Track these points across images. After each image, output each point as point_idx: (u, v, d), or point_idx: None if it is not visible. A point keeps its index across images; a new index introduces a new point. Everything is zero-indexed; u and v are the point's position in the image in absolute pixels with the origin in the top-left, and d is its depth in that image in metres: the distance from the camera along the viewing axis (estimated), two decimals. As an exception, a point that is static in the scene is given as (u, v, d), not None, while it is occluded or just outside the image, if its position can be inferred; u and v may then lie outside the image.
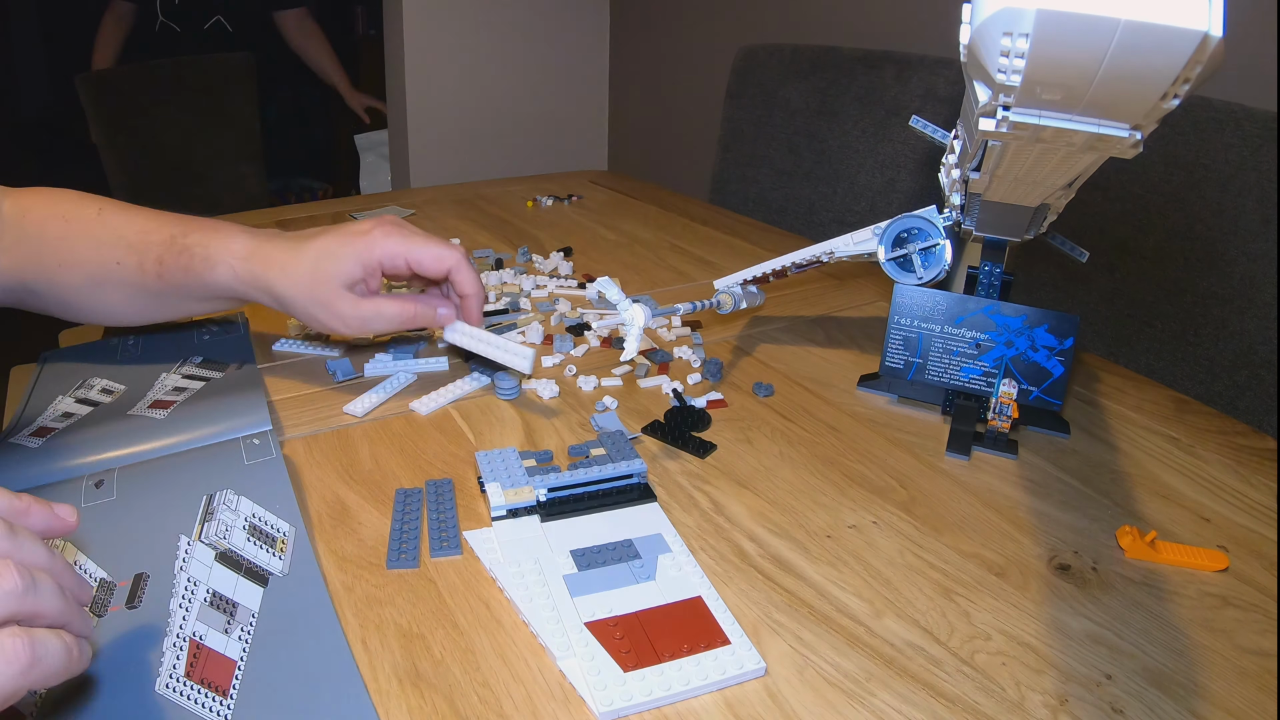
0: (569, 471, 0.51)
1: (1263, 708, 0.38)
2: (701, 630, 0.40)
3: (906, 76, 1.23)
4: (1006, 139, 0.37)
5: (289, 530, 0.46)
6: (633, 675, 0.38)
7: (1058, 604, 0.44)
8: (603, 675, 0.38)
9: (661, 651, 0.39)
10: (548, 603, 0.42)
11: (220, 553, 0.43)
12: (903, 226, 0.65)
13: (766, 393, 0.65)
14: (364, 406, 0.61)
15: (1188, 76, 0.29)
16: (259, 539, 0.44)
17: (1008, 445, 0.58)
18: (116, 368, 0.65)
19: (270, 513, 0.46)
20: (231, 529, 0.44)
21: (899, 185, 1.22)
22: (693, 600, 0.42)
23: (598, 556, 0.46)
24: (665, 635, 0.40)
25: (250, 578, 0.42)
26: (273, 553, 0.44)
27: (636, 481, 0.52)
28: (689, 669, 0.38)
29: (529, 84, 2.34)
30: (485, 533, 0.48)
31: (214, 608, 0.40)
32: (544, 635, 0.40)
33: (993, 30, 0.30)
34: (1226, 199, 0.87)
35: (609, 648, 0.39)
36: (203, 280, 0.59)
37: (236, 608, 0.40)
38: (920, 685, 0.39)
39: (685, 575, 0.44)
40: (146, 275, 0.60)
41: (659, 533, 0.48)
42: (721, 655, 0.39)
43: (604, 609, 0.42)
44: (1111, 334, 0.98)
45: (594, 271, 0.92)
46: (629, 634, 0.40)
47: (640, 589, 0.43)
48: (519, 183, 1.37)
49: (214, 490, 0.47)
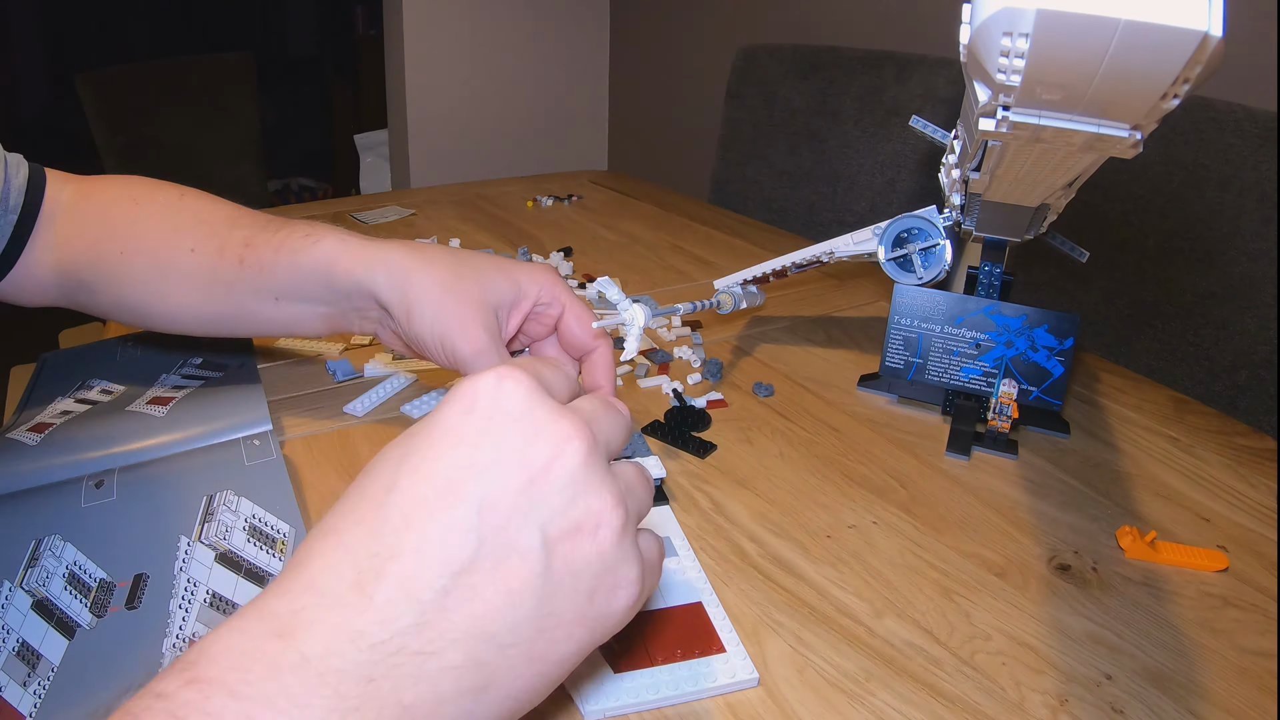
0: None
1: (1263, 708, 0.38)
2: (698, 636, 0.40)
3: (906, 76, 1.23)
4: (1006, 139, 0.37)
5: (289, 532, 0.46)
6: (623, 677, 0.38)
7: (1058, 604, 0.44)
8: (593, 675, 0.38)
9: (655, 655, 0.39)
10: None
11: (220, 554, 0.43)
12: (903, 226, 0.65)
13: (766, 393, 0.65)
14: (364, 406, 0.61)
15: (1188, 76, 0.29)
16: (259, 540, 0.44)
17: (1008, 445, 0.58)
18: (116, 369, 0.65)
19: (270, 514, 0.46)
20: (232, 530, 0.44)
21: (899, 185, 1.22)
22: (693, 605, 0.42)
23: None
24: (661, 639, 0.40)
25: (250, 579, 0.42)
26: (273, 554, 0.44)
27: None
28: (680, 674, 0.38)
29: (529, 84, 2.34)
30: None
31: (214, 609, 0.40)
32: None
33: (993, 30, 0.30)
34: (1226, 199, 0.87)
35: (602, 648, 0.39)
36: (296, 261, 0.48)
37: (236, 609, 0.40)
38: (920, 685, 0.39)
39: (689, 580, 0.44)
40: (225, 261, 0.50)
41: (668, 535, 0.48)
42: (715, 663, 0.39)
43: None
44: (1111, 334, 0.98)
45: (594, 271, 0.92)
46: (624, 635, 0.40)
47: None
48: (519, 183, 1.37)
49: (214, 491, 0.47)
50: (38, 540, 0.44)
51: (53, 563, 0.43)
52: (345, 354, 0.71)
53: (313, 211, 1.20)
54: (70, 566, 0.42)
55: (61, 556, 0.43)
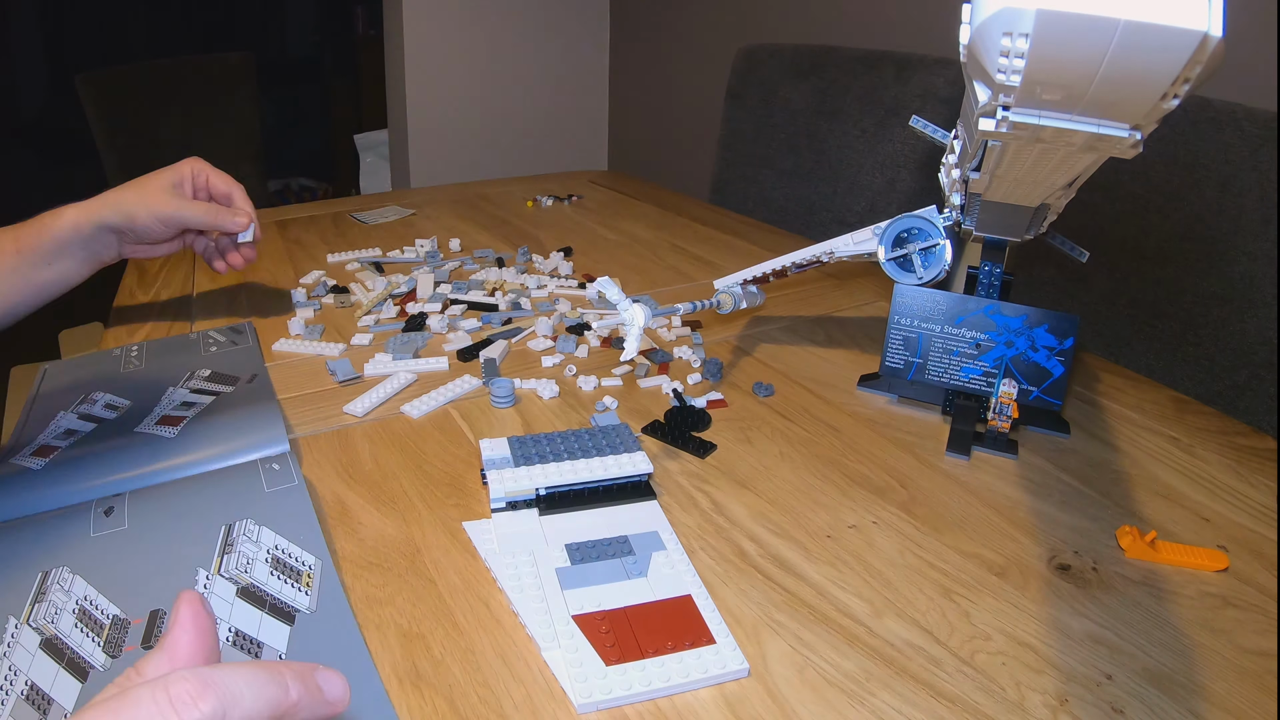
0: (569, 464, 0.51)
1: (1263, 708, 0.38)
2: (688, 628, 0.41)
3: (906, 76, 1.23)
4: (1006, 139, 0.37)
5: (315, 564, 0.43)
6: (614, 669, 0.38)
7: (1058, 604, 0.44)
8: (584, 668, 0.38)
9: (645, 647, 0.39)
10: (538, 594, 0.42)
11: (242, 588, 0.40)
12: (903, 226, 0.65)
13: (766, 393, 0.65)
14: (364, 406, 0.61)
15: (1188, 76, 0.29)
16: (283, 573, 0.42)
17: (1008, 445, 0.58)
18: (120, 381, 0.63)
19: (294, 545, 0.44)
20: (253, 562, 0.42)
21: (899, 185, 1.22)
22: (682, 599, 0.43)
23: (591, 551, 0.46)
24: (651, 631, 0.40)
25: (275, 615, 0.39)
26: (298, 588, 0.41)
27: (637, 479, 0.52)
28: (670, 666, 0.38)
29: (529, 84, 2.34)
30: (484, 524, 0.48)
31: (238, 648, 0.37)
32: (531, 626, 0.40)
33: (993, 30, 0.30)
34: (1226, 199, 0.87)
35: (594, 641, 0.40)
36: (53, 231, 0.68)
37: (262, 648, 0.38)
38: (920, 685, 0.39)
39: (678, 573, 0.44)
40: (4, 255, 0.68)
41: (655, 530, 0.48)
42: (705, 654, 0.39)
43: (593, 603, 0.42)
44: (1111, 334, 0.98)
45: (594, 271, 0.92)
46: (615, 628, 0.40)
47: (631, 585, 0.43)
48: (519, 183, 1.37)
49: (233, 520, 0.44)
50: (45, 572, 0.41)
51: (61, 597, 0.40)
52: (345, 354, 0.71)
53: (313, 211, 1.20)
54: (80, 601, 0.39)
55: (71, 590, 0.40)
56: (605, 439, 0.54)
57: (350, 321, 0.78)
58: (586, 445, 0.53)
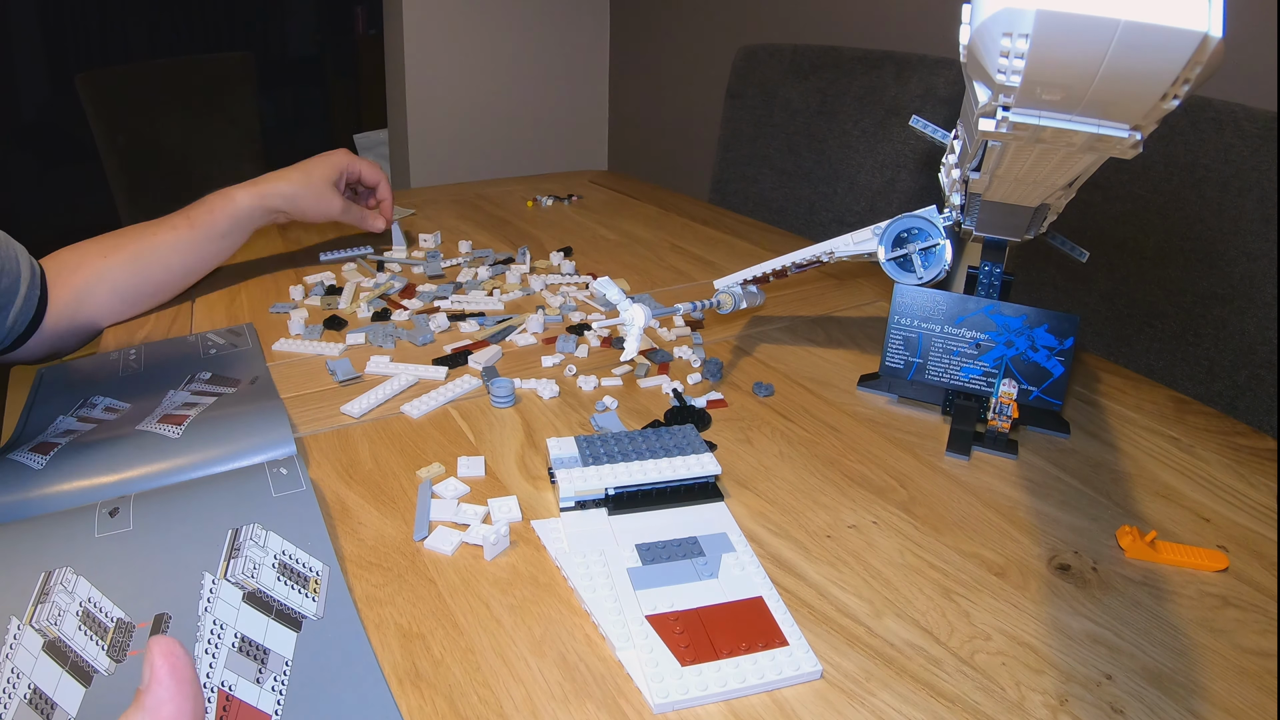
0: (638, 464, 0.50)
1: (1263, 708, 0.38)
2: (760, 630, 0.41)
3: (906, 76, 1.23)
4: (1006, 139, 0.37)
5: (322, 569, 0.42)
6: (690, 670, 0.38)
7: (1058, 604, 0.44)
8: (660, 668, 0.38)
9: (720, 648, 0.39)
10: (610, 594, 0.42)
11: (248, 593, 0.40)
12: (903, 226, 0.65)
13: (766, 393, 0.65)
14: (363, 406, 0.61)
15: (1188, 77, 0.29)
16: (290, 578, 0.41)
17: (1008, 445, 0.58)
18: (119, 384, 0.62)
19: (301, 550, 0.43)
20: (260, 567, 0.41)
21: (899, 185, 1.22)
22: (754, 600, 0.43)
23: (662, 551, 0.46)
24: (724, 633, 0.40)
25: (282, 621, 0.39)
26: (305, 594, 0.41)
27: (706, 480, 0.51)
28: (745, 667, 0.38)
29: (529, 84, 2.34)
30: (553, 523, 0.49)
31: (243, 654, 0.37)
32: (605, 625, 0.41)
33: (993, 30, 0.30)
34: (1226, 199, 0.87)
35: (668, 641, 0.40)
36: (227, 211, 0.79)
37: (268, 654, 0.37)
38: (920, 685, 0.39)
39: (748, 575, 0.44)
40: (179, 231, 0.77)
41: (724, 531, 0.48)
42: (779, 656, 0.39)
43: (665, 603, 0.42)
44: (1111, 334, 0.98)
45: (594, 271, 0.92)
46: (689, 629, 0.40)
47: (702, 586, 0.43)
48: (519, 183, 1.37)
49: (240, 524, 0.44)
50: (47, 573, 0.40)
51: (65, 599, 0.39)
52: (345, 354, 0.71)
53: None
54: (84, 603, 0.39)
55: (74, 592, 0.39)
56: (672, 439, 0.53)
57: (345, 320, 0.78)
58: (654, 445, 0.52)
